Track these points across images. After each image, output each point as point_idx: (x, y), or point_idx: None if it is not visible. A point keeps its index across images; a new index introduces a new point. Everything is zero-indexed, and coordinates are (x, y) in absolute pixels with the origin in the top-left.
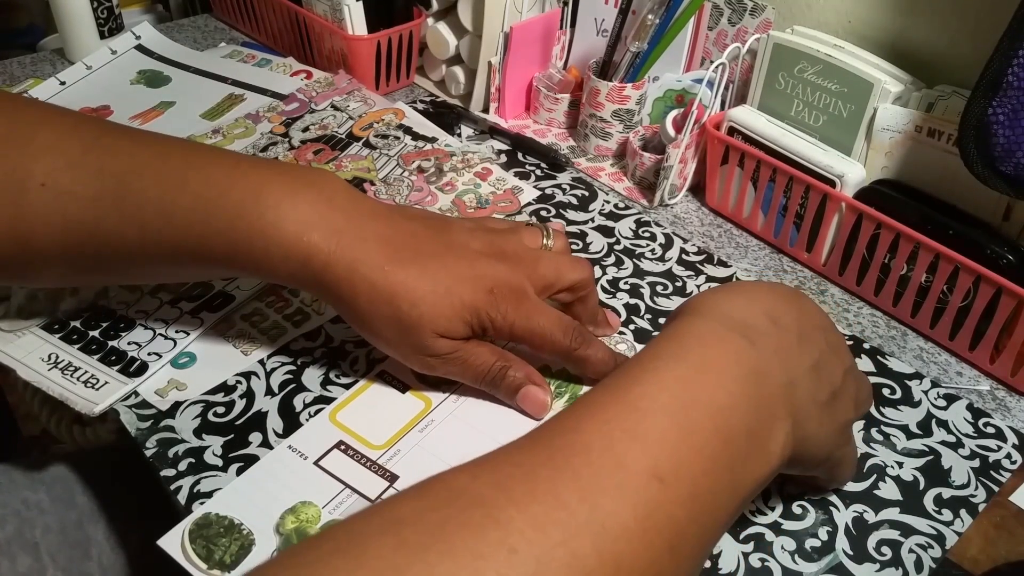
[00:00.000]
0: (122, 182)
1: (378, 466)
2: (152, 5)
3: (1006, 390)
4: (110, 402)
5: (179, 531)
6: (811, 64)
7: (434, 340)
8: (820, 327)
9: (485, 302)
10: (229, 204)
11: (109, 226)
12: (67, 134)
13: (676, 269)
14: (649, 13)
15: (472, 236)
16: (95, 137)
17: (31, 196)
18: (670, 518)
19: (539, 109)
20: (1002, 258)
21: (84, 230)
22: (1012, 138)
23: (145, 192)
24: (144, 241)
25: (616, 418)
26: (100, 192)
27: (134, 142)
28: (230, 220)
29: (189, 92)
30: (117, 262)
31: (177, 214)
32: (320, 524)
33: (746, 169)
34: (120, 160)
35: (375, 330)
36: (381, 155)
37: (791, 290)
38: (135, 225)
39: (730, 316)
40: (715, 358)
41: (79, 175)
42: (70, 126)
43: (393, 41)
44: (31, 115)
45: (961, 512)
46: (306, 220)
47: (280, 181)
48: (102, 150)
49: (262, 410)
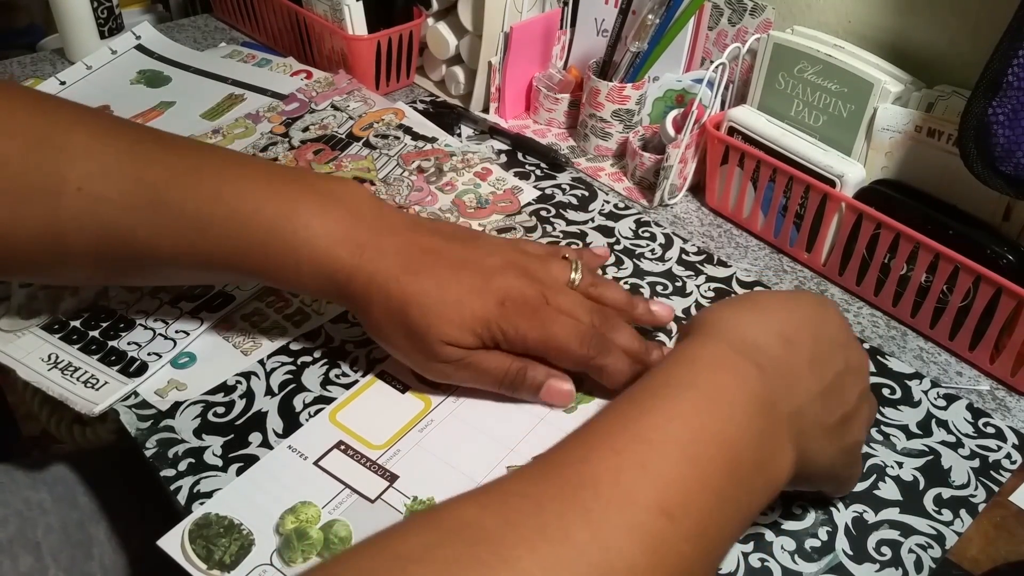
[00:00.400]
0: (157, 192)
1: (378, 466)
2: (152, 5)
3: (1006, 390)
4: (110, 402)
5: (179, 531)
6: (811, 64)
7: (442, 347)
8: (841, 344)
9: (497, 315)
10: (263, 220)
11: (143, 235)
12: (101, 138)
13: (676, 269)
14: (649, 13)
15: (493, 252)
16: (130, 142)
17: (67, 200)
18: (678, 555)
19: (539, 109)
20: (1002, 258)
21: (118, 237)
22: (1012, 138)
23: (181, 204)
24: (177, 251)
25: (626, 449)
26: (135, 201)
27: (167, 150)
28: (263, 237)
29: (189, 92)
30: (148, 268)
31: (211, 228)
32: (320, 524)
33: (746, 169)
34: (155, 170)
35: (389, 339)
36: (381, 155)
37: (813, 302)
38: (169, 236)
39: (742, 337)
40: (725, 387)
41: (114, 182)
42: (104, 130)
43: (393, 41)
44: (67, 116)
45: (961, 512)
46: (335, 237)
47: (311, 200)
48: (136, 157)
49: (262, 410)
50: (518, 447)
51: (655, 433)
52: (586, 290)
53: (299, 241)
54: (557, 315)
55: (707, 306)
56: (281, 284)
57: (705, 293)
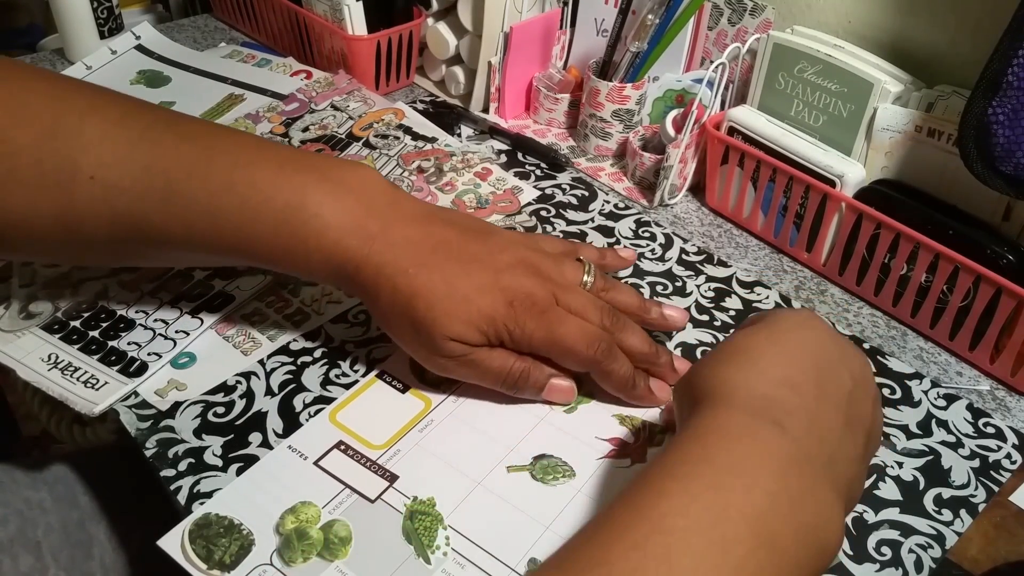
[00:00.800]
0: (169, 180)
1: (378, 466)
2: (152, 5)
3: (1006, 390)
4: (110, 402)
5: (179, 531)
6: (811, 64)
7: (445, 343)
8: (838, 359)
9: (504, 314)
10: (275, 208)
11: (156, 222)
12: (115, 125)
13: (676, 269)
14: (649, 13)
15: (506, 249)
16: (142, 129)
17: (80, 188)
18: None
19: (539, 109)
20: (1002, 258)
21: (131, 223)
22: (1012, 138)
23: (193, 193)
24: (190, 238)
25: (645, 542)
26: (148, 189)
27: (180, 137)
28: (275, 225)
29: (189, 92)
30: (161, 251)
31: (222, 216)
32: (320, 524)
33: (746, 169)
34: (167, 158)
35: (395, 330)
36: (381, 155)
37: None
38: (181, 223)
39: (750, 397)
40: (746, 456)
41: (127, 170)
42: (118, 117)
43: (393, 41)
44: (80, 102)
45: (961, 512)
46: (344, 227)
47: (323, 189)
48: (149, 144)
49: (262, 410)
50: (518, 447)
51: (675, 520)
52: (598, 293)
53: (309, 231)
54: (565, 316)
55: (696, 368)
56: (292, 271)
57: (705, 293)
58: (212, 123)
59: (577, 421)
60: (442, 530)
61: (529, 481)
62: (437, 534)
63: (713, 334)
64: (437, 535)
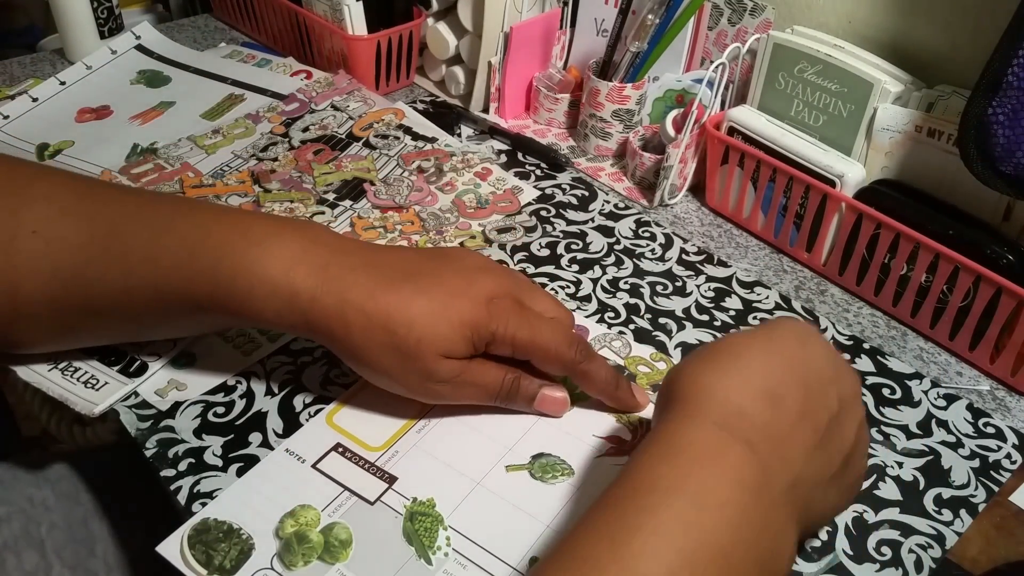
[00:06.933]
0: (112, 226)
1: (377, 468)
2: (152, 5)
3: (1006, 390)
4: (110, 402)
5: (178, 537)
6: (811, 64)
7: (438, 363)
8: (830, 379)
9: (485, 316)
10: (213, 243)
11: (95, 271)
12: (62, 185)
13: (676, 269)
14: (649, 13)
15: (467, 256)
16: (88, 187)
17: (21, 244)
18: None
19: (539, 109)
20: (1002, 258)
21: (70, 275)
22: (1012, 138)
23: (134, 236)
24: (129, 286)
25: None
26: (90, 237)
27: (125, 192)
28: (214, 259)
29: (189, 92)
30: (102, 310)
31: (162, 256)
32: (320, 527)
33: (746, 169)
34: (111, 207)
35: (375, 363)
36: (381, 155)
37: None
38: (121, 269)
39: (724, 408)
40: (716, 486)
41: (71, 221)
42: (66, 178)
43: (393, 41)
44: (27, 169)
45: (961, 512)
46: (291, 256)
47: (265, 222)
48: (94, 198)
49: (262, 410)
50: (516, 446)
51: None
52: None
53: (251, 260)
54: (541, 316)
55: (682, 365)
56: (236, 313)
57: (705, 293)
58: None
59: (575, 419)
60: (443, 531)
61: (528, 480)
62: (438, 535)
63: (713, 334)
64: (438, 536)
